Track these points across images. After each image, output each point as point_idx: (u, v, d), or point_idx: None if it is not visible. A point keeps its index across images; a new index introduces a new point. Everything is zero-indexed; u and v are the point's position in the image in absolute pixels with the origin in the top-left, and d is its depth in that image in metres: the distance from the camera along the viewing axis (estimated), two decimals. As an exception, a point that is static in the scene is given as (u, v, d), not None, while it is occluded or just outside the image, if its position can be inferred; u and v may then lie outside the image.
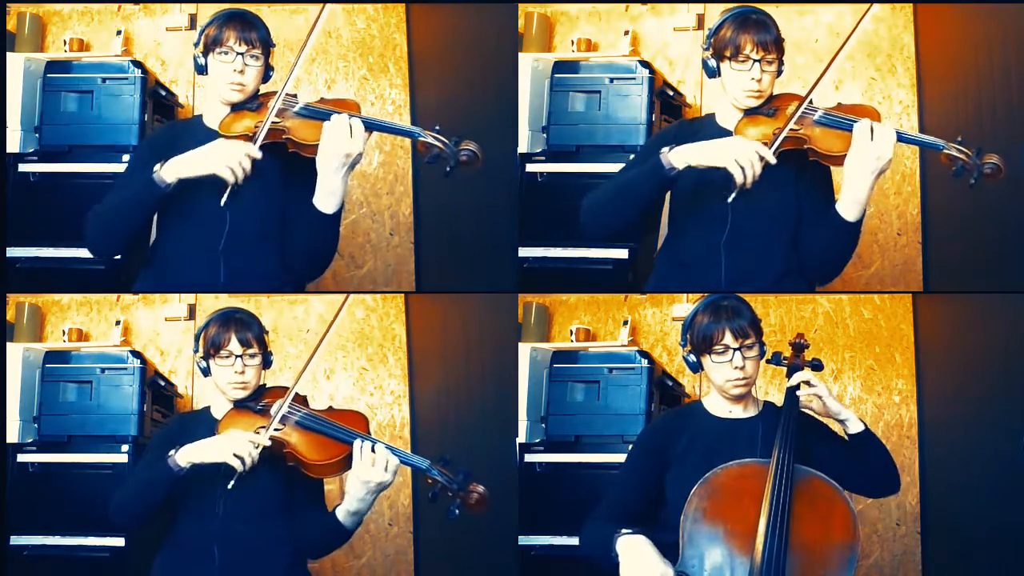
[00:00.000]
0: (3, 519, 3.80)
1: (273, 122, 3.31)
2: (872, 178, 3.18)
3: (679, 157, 3.22)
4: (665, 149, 3.24)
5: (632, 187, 3.32)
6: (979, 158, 3.18)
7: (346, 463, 3.20)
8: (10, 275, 3.85)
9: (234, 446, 3.17)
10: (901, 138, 3.21)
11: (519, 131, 3.92)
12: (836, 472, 3.13)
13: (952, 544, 3.91)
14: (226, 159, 3.27)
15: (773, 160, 3.20)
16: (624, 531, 3.12)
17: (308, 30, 3.37)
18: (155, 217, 3.56)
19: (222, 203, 3.27)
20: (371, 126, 3.33)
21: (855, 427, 3.17)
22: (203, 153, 3.29)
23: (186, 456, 3.18)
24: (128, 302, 4.11)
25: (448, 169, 3.30)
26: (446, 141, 3.30)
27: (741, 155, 3.19)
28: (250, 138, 3.31)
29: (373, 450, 3.16)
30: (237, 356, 3.27)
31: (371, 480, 3.16)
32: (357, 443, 3.17)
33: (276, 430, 3.22)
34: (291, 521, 3.29)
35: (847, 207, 3.22)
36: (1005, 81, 3.93)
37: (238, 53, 3.31)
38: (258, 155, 3.27)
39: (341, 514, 3.21)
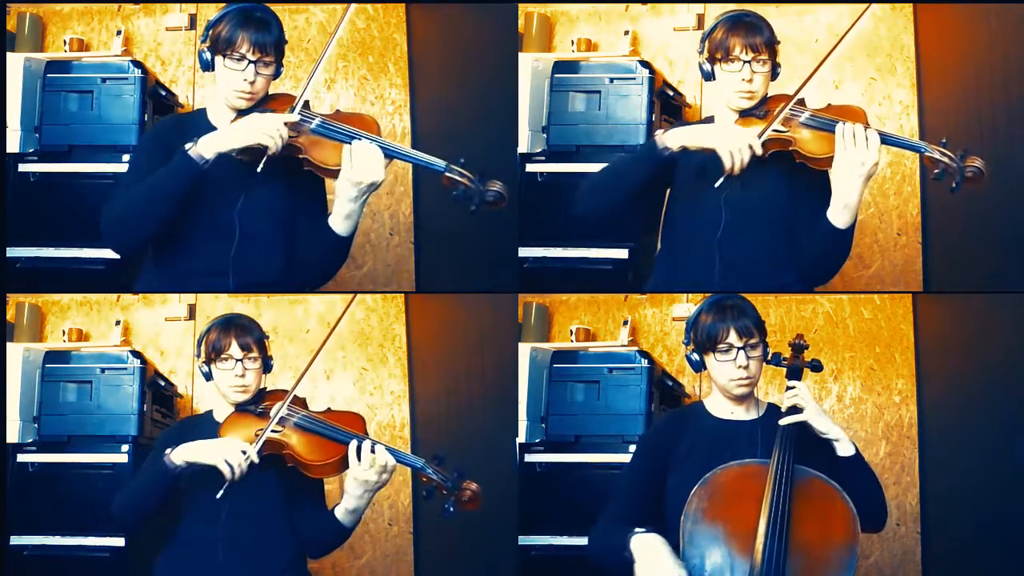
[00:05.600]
0: (3, 519, 3.80)
1: (289, 136, 3.21)
2: (859, 183, 3.16)
3: (673, 138, 3.24)
4: (660, 131, 3.27)
5: (627, 167, 3.35)
6: (962, 161, 3.15)
7: (344, 463, 3.22)
8: (10, 275, 3.85)
9: (226, 452, 3.18)
10: (884, 140, 3.18)
11: (519, 131, 3.92)
12: None
13: (952, 544, 3.91)
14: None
15: (759, 151, 3.20)
16: (638, 530, 3.10)
17: (327, 36, 3.35)
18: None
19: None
20: (393, 155, 3.25)
21: (845, 450, 3.13)
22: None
23: (181, 455, 3.20)
24: (128, 302, 4.11)
25: (473, 208, 3.24)
26: (472, 177, 3.23)
27: (732, 143, 3.19)
28: (258, 150, 3.20)
29: (372, 450, 3.18)
30: (238, 360, 3.28)
31: (368, 479, 3.18)
32: (353, 444, 3.20)
33: (275, 431, 3.23)
34: (293, 521, 3.31)
35: (836, 214, 3.20)
36: (1005, 81, 3.93)
37: (250, 61, 3.18)
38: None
39: (340, 513, 3.24)
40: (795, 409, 3.12)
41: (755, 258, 3.31)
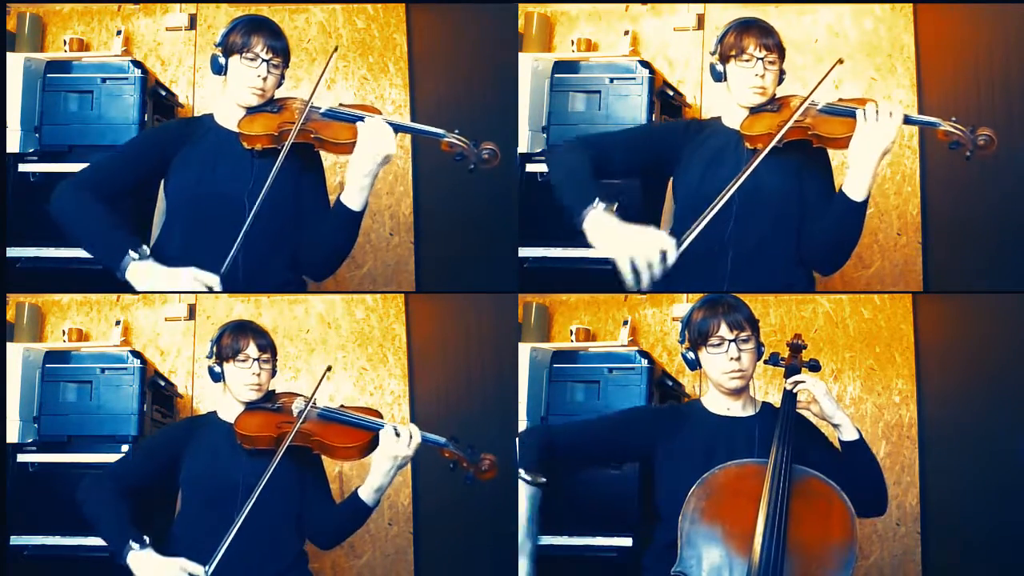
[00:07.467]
0: (3, 519, 3.80)
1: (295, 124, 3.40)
2: (878, 157, 3.25)
3: (587, 225, 3.26)
4: (602, 206, 3.25)
5: (559, 192, 3.38)
6: (973, 133, 3.29)
7: (369, 447, 3.35)
8: (10, 275, 3.85)
9: None
10: (905, 119, 3.30)
11: (519, 131, 3.92)
12: None
13: (952, 544, 3.91)
14: None
15: (671, 261, 3.20)
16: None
17: (327, 36, 3.38)
18: (155, 216, 3.61)
19: None
20: (400, 128, 3.45)
21: (849, 435, 3.20)
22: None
23: (131, 563, 3.30)
24: (128, 302, 4.11)
25: (471, 167, 3.43)
26: (467, 142, 3.42)
27: (639, 255, 3.21)
28: (273, 137, 3.38)
29: (397, 433, 3.32)
30: (255, 359, 3.39)
31: (397, 454, 3.31)
32: (385, 427, 3.34)
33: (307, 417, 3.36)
34: (300, 518, 3.39)
35: (854, 187, 3.26)
36: (1005, 81, 3.93)
37: (264, 60, 3.40)
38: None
39: (364, 492, 3.35)
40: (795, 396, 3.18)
41: (765, 254, 3.34)
